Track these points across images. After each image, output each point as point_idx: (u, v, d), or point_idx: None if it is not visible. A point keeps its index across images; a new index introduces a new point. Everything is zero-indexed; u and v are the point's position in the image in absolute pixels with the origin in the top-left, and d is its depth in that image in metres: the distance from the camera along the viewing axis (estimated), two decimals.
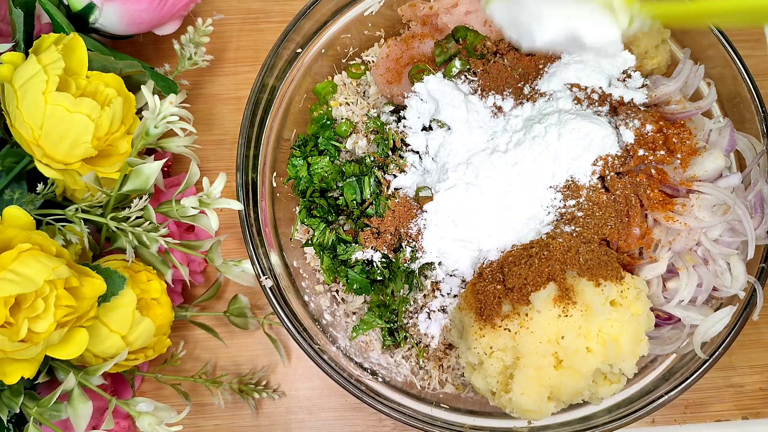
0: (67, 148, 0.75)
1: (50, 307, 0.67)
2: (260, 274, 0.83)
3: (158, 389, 0.96)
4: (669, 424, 0.96)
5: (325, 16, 0.92)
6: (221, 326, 0.96)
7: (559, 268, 0.75)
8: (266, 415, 0.95)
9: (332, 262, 0.88)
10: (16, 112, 0.74)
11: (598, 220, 0.80)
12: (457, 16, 0.91)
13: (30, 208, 0.78)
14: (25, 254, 0.67)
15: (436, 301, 0.86)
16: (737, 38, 0.88)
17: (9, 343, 0.66)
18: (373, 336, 0.89)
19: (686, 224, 0.79)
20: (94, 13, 0.88)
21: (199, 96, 1.03)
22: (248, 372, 0.96)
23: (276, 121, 0.91)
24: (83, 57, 0.77)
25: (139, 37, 0.99)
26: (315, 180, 0.90)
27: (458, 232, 0.82)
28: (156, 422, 0.74)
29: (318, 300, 0.90)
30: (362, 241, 0.85)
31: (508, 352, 0.75)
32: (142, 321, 0.78)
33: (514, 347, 0.74)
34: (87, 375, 0.77)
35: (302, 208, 0.91)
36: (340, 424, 0.95)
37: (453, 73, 0.89)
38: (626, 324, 0.74)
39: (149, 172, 0.77)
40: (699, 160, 0.82)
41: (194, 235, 0.95)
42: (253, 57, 1.05)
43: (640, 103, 0.84)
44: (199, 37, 0.92)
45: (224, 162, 1.01)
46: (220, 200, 0.77)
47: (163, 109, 0.75)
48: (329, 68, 0.97)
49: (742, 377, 0.96)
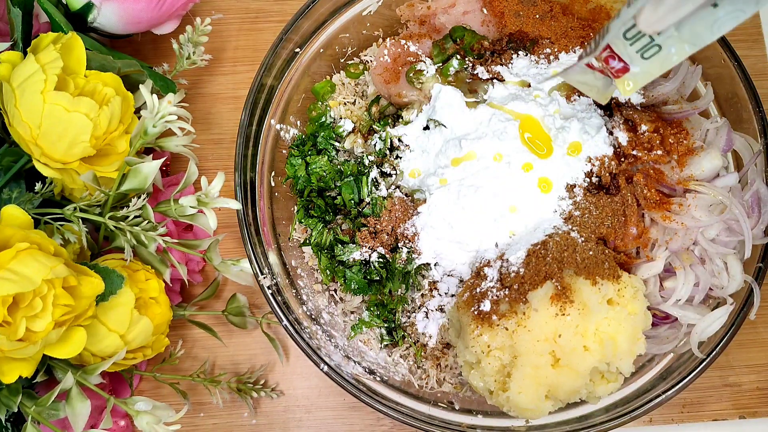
0: (66, 147, 0.75)
1: (48, 306, 0.67)
2: (258, 273, 0.83)
3: (156, 388, 0.96)
4: (666, 424, 0.96)
5: (323, 16, 0.92)
6: (219, 325, 0.96)
7: (556, 267, 0.75)
8: (264, 414, 0.95)
9: (330, 262, 0.89)
10: (15, 111, 0.74)
11: (595, 220, 0.80)
12: (455, 16, 0.91)
13: (28, 207, 0.78)
14: (23, 253, 0.67)
15: (434, 301, 0.86)
16: (735, 38, 0.89)
17: (7, 342, 0.66)
18: (371, 335, 0.89)
19: (683, 224, 0.79)
20: (93, 12, 0.88)
21: (198, 95, 1.03)
22: (246, 371, 0.96)
23: (274, 120, 0.91)
24: (81, 56, 0.77)
25: (138, 36, 0.99)
26: (313, 179, 0.90)
27: (454, 234, 0.82)
28: (154, 421, 0.75)
29: (316, 299, 0.90)
30: (359, 240, 0.85)
31: (505, 351, 0.75)
32: (141, 320, 0.78)
33: (511, 346, 0.75)
34: (85, 374, 0.77)
35: (300, 208, 0.92)
36: (338, 423, 0.95)
37: (450, 73, 0.89)
38: (623, 323, 0.75)
39: (147, 171, 0.77)
40: (696, 159, 0.82)
41: (192, 234, 0.95)
42: (252, 56, 1.05)
43: (637, 103, 0.84)
44: (198, 36, 0.92)
45: (223, 161, 1.01)
46: (218, 199, 0.77)
47: (161, 109, 0.75)
48: (328, 68, 0.97)
49: (739, 376, 0.97)
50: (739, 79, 0.86)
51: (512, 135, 0.82)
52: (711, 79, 0.89)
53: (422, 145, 0.88)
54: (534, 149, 0.82)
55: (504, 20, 0.90)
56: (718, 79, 0.88)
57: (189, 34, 0.92)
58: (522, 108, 0.84)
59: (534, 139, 0.82)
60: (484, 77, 0.88)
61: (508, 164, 0.82)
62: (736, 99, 0.87)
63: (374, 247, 0.85)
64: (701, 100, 0.87)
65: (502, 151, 0.82)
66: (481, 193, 0.81)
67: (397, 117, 0.92)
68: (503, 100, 0.86)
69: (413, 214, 0.85)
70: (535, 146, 0.82)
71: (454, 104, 0.86)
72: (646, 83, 0.68)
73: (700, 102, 0.86)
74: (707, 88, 0.88)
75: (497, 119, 0.84)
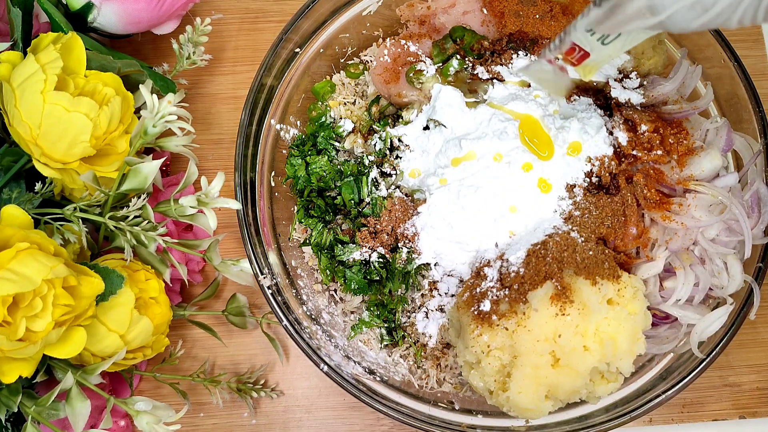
0: (66, 147, 0.75)
1: (48, 306, 0.67)
2: (258, 273, 0.83)
3: (156, 388, 0.96)
4: (666, 424, 0.96)
5: (323, 16, 0.92)
6: (219, 325, 0.96)
7: (556, 267, 0.75)
8: (264, 414, 0.95)
9: (330, 262, 0.89)
10: (15, 111, 0.74)
11: (595, 219, 0.80)
12: (455, 16, 0.91)
13: (28, 207, 0.78)
14: (23, 253, 0.67)
15: (434, 301, 0.86)
16: (735, 38, 0.89)
17: (7, 342, 0.66)
18: (371, 335, 0.89)
19: (683, 224, 0.79)
20: (93, 12, 0.88)
21: (198, 95, 1.03)
22: (246, 371, 0.96)
23: (274, 120, 0.91)
24: (81, 56, 0.77)
25: (138, 36, 0.99)
26: (313, 179, 0.90)
27: (454, 234, 0.82)
28: (154, 421, 0.75)
29: (316, 299, 0.90)
30: (359, 240, 0.85)
31: (505, 351, 0.75)
32: (141, 320, 0.78)
33: (511, 346, 0.75)
34: (85, 374, 0.77)
35: (300, 208, 0.92)
36: (338, 423, 0.95)
37: (450, 73, 0.89)
38: (623, 322, 0.75)
39: (147, 171, 0.77)
40: (696, 159, 0.82)
41: (192, 234, 0.95)
42: (252, 56, 1.05)
43: (637, 103, 0.84)
44: (198, 36, 0.92)
45: (222, 161, 1.01)
46: (218, 199, 0.77)
47: (161, 109, 0.75)
48: (328, 68, 0.97)
49: (739, 377, 0.97)
50: (739, 79, 0.86)
51: (512, 135, 0.82)
52: (711, 79, 0.89)
53: (422, 145, 0.88)
54: (534, 149, 0.82)
55: (504, 20, 0.90)
56: (718, 79, 0.88)
57: (189, 34, 0.92)
58: (522, 108, 0.84)
59: (534, 139, 0.82)
60: (484, 77, 0.88)
61: (508, 164, 0.82)
62: (736, 99, 0.87)
63: (374, 247, 0.85)
64: (701, 100, 0.87)
65: (502, 151, 0.82)
66: (480, 193, 0.81)
67: (397, 117, 0.92)
68: (503, 100, 0.86)
69: (413, 214, 0.85)
70: (535, 146, 0.82)
71: (454, 104, 0.86)
72: (606, 65, 0.68)
73: (700, 102, 0.86)
74: (707, 88, 0.88)
75: (497, 119, 0.84)
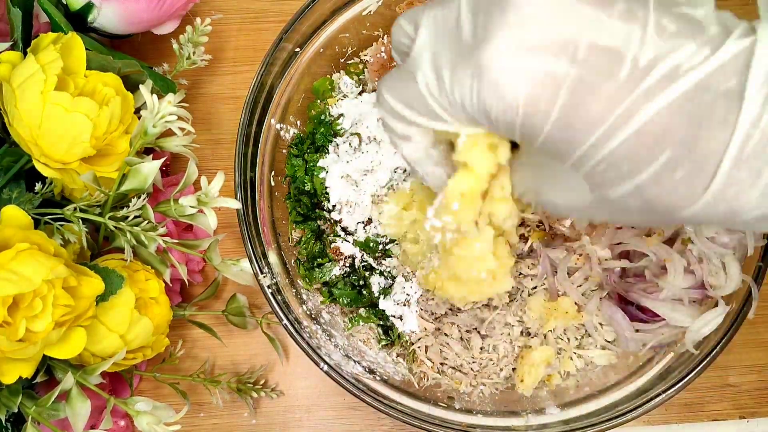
0: (66, 147, 0.75)
1: (48, 306, 0.67)
2: (258, 272, 0.83)
3: (156, 388, 0.96)
4: (666, 423, 0.96)
5: (323, 16, 0.92)
6: (219, 325, 0.96)
7: None
8: (264, 414, 0.96)
9: (311, 275, 0.89)
10: (14, 111, 0.74)
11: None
12: None
13: (28, 208, 0.78)
14: (23, 254, 0.67)
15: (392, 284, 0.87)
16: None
17: (7, 342, 0.66)
18: (370, 334, 0.89)
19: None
20: (93, 12, 0.88)
21: (198, 95, 1.03)
22: (246, 371, 0.96)
23: (274, 120, 0.91)
24: (81, 56, 0.77)
25: (138, 36, 0.99)
26: (306, 180, 0.90)
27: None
28: (154, 421, 0.75)
29: (316, 298, 0.90)
30: (332, 255, 0.86)
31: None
32: (141, 320, 0.78)
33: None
34: (85, 374, 0.77)
35: (291, 209, 0.92)
36: (338, 423, 0.95)
37: None
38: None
39: (148, 171, 0.77)
40: None
41: (192, 234, 0.95)
42: (252, 56, 1.05)
43: None
44: (198, 36, 0.92)
45: (222, 161, 1.01)
46: (218, 199, 0.77)
47: (161, 109, 0.75)
48: (327, 67, 0.97)
49: (739, 377, 0.97)
50: None
51: None
52: None
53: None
54: None
55: None
56: None
57: (189, 34, 0.92)
58: None
59: None
60: None
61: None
62: None
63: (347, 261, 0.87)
64: None
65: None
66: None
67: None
68: None
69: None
70: None
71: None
72: None
73: None
74: None
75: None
